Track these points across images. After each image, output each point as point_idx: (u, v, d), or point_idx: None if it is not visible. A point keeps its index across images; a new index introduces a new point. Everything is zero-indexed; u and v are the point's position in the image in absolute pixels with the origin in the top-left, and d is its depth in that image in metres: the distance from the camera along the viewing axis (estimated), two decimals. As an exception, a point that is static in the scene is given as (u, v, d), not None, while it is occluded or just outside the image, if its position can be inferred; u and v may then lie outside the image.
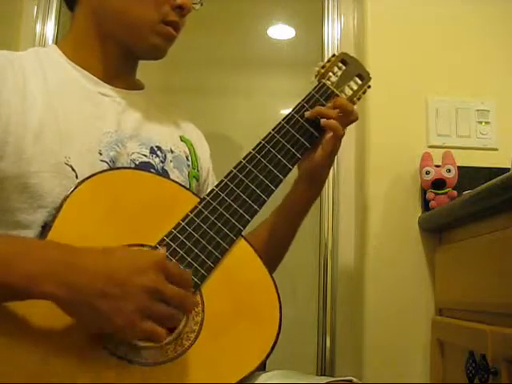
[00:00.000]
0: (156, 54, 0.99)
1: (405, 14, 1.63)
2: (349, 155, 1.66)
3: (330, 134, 0.98)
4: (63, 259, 0.70)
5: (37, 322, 0.71)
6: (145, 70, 1.08)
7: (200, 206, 0.86)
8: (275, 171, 0.93)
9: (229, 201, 0.88)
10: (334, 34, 1.77)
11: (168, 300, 0.71)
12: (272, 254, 1.05)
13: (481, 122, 1.58)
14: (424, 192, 1.51)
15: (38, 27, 1.76)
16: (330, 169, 1.04)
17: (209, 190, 0.91)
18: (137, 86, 1.05)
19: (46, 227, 0.83)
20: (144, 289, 0.69)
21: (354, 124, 1.58)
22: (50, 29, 1.77)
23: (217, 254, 0.84)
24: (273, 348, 0.80)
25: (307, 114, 0.98)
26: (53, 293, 0.68)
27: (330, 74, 1.05)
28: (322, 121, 0.97)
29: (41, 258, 0.70)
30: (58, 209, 0.81)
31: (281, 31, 1.96)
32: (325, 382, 0.83)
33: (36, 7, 1.77)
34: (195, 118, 1.15)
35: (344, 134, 0.99)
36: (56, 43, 1.03)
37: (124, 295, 0.69)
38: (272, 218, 1.07)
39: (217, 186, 0.89)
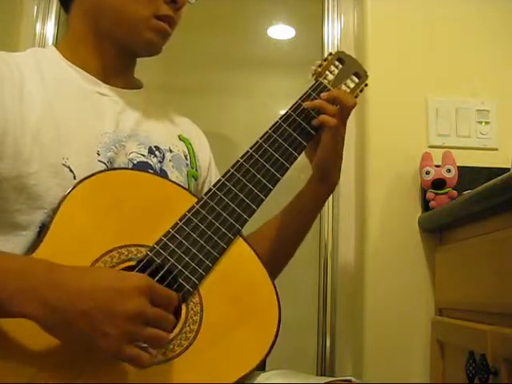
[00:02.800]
0: (151, 50, 0.99)
1: (405, 14, 1.63)
2: (349, 155, 1.66)
3: (325, 130, 0.98)
4: (45, 278, 0.69)
5: (28, 329, 0.70)
6: (145, 69, 1.08)
7: (197, 206, 0.86)
8: (272, 170, 0.92)
9: (226, 200, 0.88)
10: (334, 34, 1.77)
11: (153, 323, 0.70)
12: (279, 254, 1.05)
13: (481, 122, 1.58)
14: (424, 192, 1.51)
15: (38, 27, 1.76)
16: (336, 165, 1.03)
17: (212, 183, 0.91)
18: (135, 85, 1.05)
19: (43, 228, 0.82)
20: (128, 314, 0.68)
21: (353, 124, 1.63)
22: (50, 29, 1.77)
23: (215, 253, 0.84)
24: (272, 347, 0.80)
25: (306, 103, 0.98)
26: (33, 312, 0.67)
27: (327, 72, 1.05)
28: (314, 121, 0.97)
29: (23, 277, 0.69)
30: (56, 209, 0.81)
31: (281, 31, 1.96)
32: (324, 381, 0.83)
33: (36, 7, 1.77)
34: (195, 117, 1.15)
35: (338, 124, 0.97)
36: (55, 44, 1.03)
37: (108, 320, 0.68)
38: (281, 217, 1.07)
39: (214, 186, 0.89)
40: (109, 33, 0.97)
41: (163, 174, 0.95)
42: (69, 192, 0.82)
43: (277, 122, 0.97)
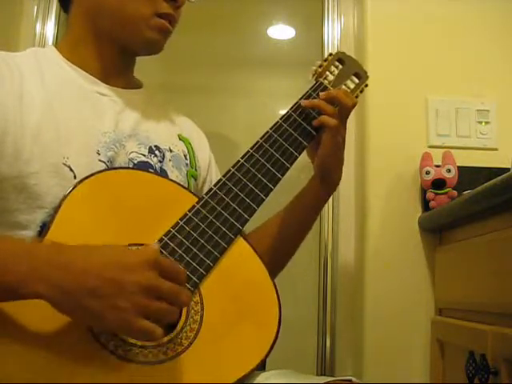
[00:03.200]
0: (152, 49, 0.99)
1: (405, 14, 1.63)
2: (349, 155, 1.65)
3: (326, 130, 0.98)
4: (53, 258, 0.70)
5: (29, 322, 0.71)
6: (145, 69, 1.08)
7: (198, 206, 0.86)
8: (273, 170, 0.93)
9: (227, 200, 0.88)
10: (334, 34, 1.77)
11: (163, 296, 0.70)
12: (280, 252, 1.06)
13: (481, 122, 1.58)
14: (424, 192, 1.51)
15: (38, 27, 1.76)
16: (338, 165, 1.03)
17: (213, 182, 0.91)
18: (135, 85, 1.05)
19: (44, 227, 0.82)
20: (138, 286, 0.68)
21: (353, 124, 1.63)
22: (50, 29, 1.77)
23: (216, 253, 0.84)
24: (272, 347, 0.80)
25: (304, 102, 0.98)
26: (43, 293, 0.68)
27: (328, 73, 1.05)
28: (314, 122, 0.97)
29: (31, 258, 0.70)
30: (57, 209, 0.81)
31: (281, 31, 1.96)
32: (324, 381, 0.83)
33: (36, 7, 1.77)
34: (195, 117, 1.15)
35: (338, 124, 0.97)
36: (55, 44, 1.03)
37: (118, 293, 0.68)
38: (282, 215, 1.07)
39: (215, 185, 0.89)
40: (109, 32, 0.97)
41: (163, 174, 0.95)
42: (69, 192, 0.82)
43: (277, 122, 0.97)
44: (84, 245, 0.73)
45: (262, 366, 0.85)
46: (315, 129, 0.98)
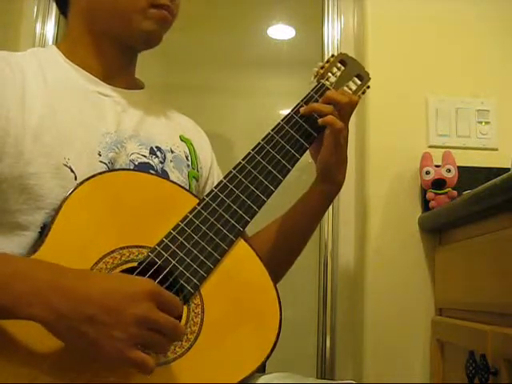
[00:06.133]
0: (150, 41, 0.98)
1: (405, 14, 1.63)
2: (349, 155, 1.64)
3: (328, 131, 0.98)
4: (52, 282, 0.69)
5: (32, 331, 0.70)
6: (145, 69, 1.08)
7: (199, 207, 0.86)
8: (274, 172, 0.92)
9: (228, 201, 0.88)
10: (334, 34, 1.77)
11: (159, 329, 0.70)
12: (284, 254, 1.06)
13: (481, 122, 1.58)
14: (424, 192, 1.51)
15: (38, 27, 1.76)
16: (340, 165, 1.03)
17: (215, 183, 0.91)
18: (136, 86, 1.05)
19: (45, 228, 0.82)
20: (135, 318, 0.68)
21: (354, 124, 1.63)
22: (50, 29, 1.77)
23: (216, 254, 0.84)
24: (273, 349, 0.80)
25: (302, 109, 0.98)
26: (39, 315, 0.68)
27: (329, 74, 1.05)
28: (319, 120, 0.97)
29: (30, 280, 0.69)
30: (57, 210, 0.81)
31: (281, 31, 1.96)
32: (324, 384, 0.83)
33: (36, 7, 1.77)
34: (195, 117, 1.15)
35: (343, 126, 0.98)
36: (56, 44, 1.03)
37: (115, 323, 0.68)
38: (286, 218, 1.07)
39: (216, 187, 0.89)
40: (106, 29, 0.97)
41: (164, 175, 0.95)
42: (70, 193, 0.82)
43: (279, 123, 0.97)
44: (85, 270, 0.74)
45: (262, 368, 0.85)
46: (316, 130, 0.98)
